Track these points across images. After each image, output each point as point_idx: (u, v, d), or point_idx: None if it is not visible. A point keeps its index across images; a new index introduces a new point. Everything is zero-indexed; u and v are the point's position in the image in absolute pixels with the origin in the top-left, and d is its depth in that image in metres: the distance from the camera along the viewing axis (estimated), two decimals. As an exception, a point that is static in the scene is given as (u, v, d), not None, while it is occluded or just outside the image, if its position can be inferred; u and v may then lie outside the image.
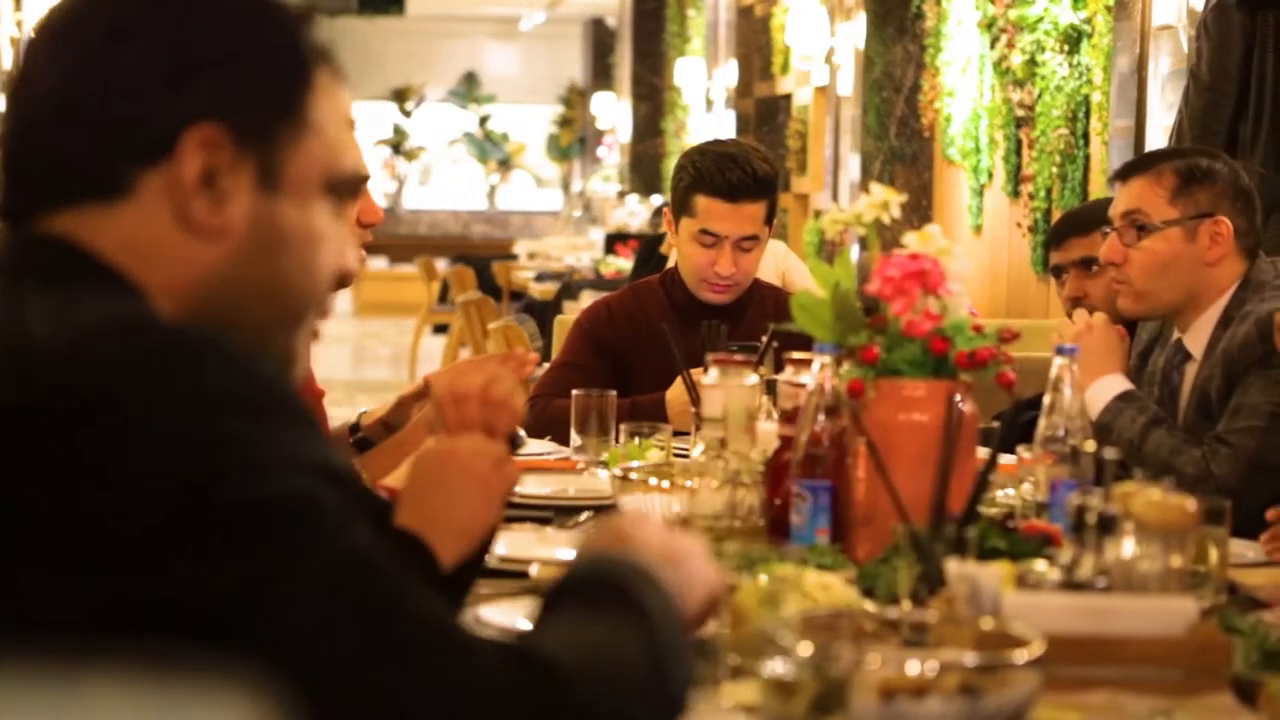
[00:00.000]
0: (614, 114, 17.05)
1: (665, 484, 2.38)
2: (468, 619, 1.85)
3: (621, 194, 15.66)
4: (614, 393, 3.10)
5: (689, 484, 2.25)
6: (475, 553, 1.78)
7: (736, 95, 12.10)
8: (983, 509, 2.12)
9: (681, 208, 3.58)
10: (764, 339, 2.98)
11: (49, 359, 1.12)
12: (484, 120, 20.90)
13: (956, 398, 2.11)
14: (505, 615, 1.86)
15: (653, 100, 15.42)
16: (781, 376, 2.35)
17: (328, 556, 1.12)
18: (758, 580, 1.72)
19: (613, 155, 17.78)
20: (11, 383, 1.11)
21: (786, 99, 10.99)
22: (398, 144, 20.48)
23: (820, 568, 1.96)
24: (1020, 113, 6.69)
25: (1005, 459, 2.24)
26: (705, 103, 13.14)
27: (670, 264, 3.84)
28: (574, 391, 3.10)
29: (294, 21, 1.29)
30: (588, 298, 7.00)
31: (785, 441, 2.25)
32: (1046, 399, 2.34)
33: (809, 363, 2.20)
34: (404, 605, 1.15)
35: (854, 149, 8.66)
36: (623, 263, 10.31)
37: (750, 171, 3.51)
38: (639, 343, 3.58)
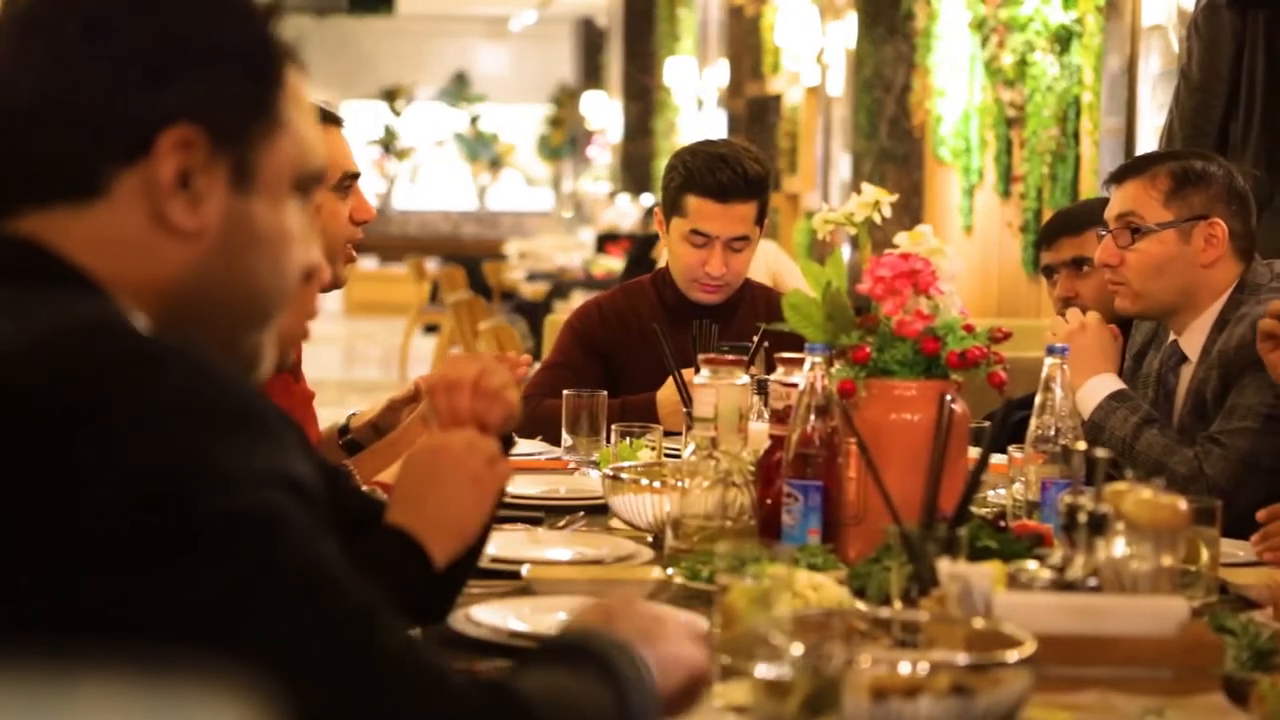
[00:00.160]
0: (604, 114, 17.06)
1: (656, 484, 2.38)
2: (459, 618, 1.84)
3: (612, 194, 15.68)
4: (605, 393, 3.11)
5: (680, 484, 2.25)
6: (469, 550, 1.78)
7: (727, 95, 12.10)
8: (974, 509, 2.12)
9: (672, 208, 3.58)
10: (755, 339, 2.99)
11: (10, 362, 1.09)
12: (474, 120, 20.90)
13: (948, 397, 2.11)
14: (497, 615, 1.85)
15: (643, 100, 15.42)
16: (772, 376, 2.34)
17: (291, 571, 1.09)
18: (749, 580, 1.71)
19: (603, 155, 17.80)
20: None
21: (777, 99, 10.99)
22: (388, 144, 20.48)
23: (812, 568, 1.96)
24: (1011, 113, 6.69)
25: (996, 459, 2.23)
26: (696, 102, 13.14)
27: (661, 264, 3.83)
28: (565, 392, 3.10)
29: (264, 19, 1.27)
30: (578, 298, 7.02)
31: (776, 441, 2.25)
32: (1038, 399, 2.34)
33: (800, 363, 2.20)
34: (372, 622, 1.13)
35: (845, 149, 8.67)
36: (613, 263, 10.33)
37: (741, 172, 3.51)
38: (630, 343, 3.57)
